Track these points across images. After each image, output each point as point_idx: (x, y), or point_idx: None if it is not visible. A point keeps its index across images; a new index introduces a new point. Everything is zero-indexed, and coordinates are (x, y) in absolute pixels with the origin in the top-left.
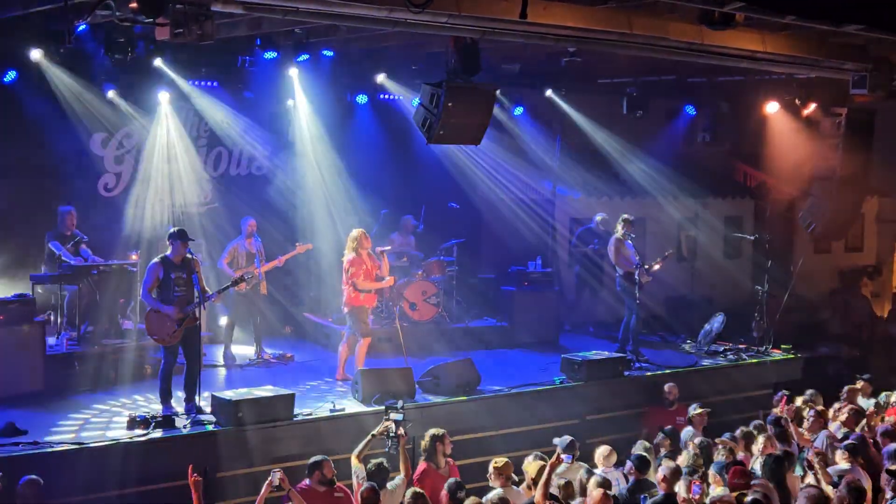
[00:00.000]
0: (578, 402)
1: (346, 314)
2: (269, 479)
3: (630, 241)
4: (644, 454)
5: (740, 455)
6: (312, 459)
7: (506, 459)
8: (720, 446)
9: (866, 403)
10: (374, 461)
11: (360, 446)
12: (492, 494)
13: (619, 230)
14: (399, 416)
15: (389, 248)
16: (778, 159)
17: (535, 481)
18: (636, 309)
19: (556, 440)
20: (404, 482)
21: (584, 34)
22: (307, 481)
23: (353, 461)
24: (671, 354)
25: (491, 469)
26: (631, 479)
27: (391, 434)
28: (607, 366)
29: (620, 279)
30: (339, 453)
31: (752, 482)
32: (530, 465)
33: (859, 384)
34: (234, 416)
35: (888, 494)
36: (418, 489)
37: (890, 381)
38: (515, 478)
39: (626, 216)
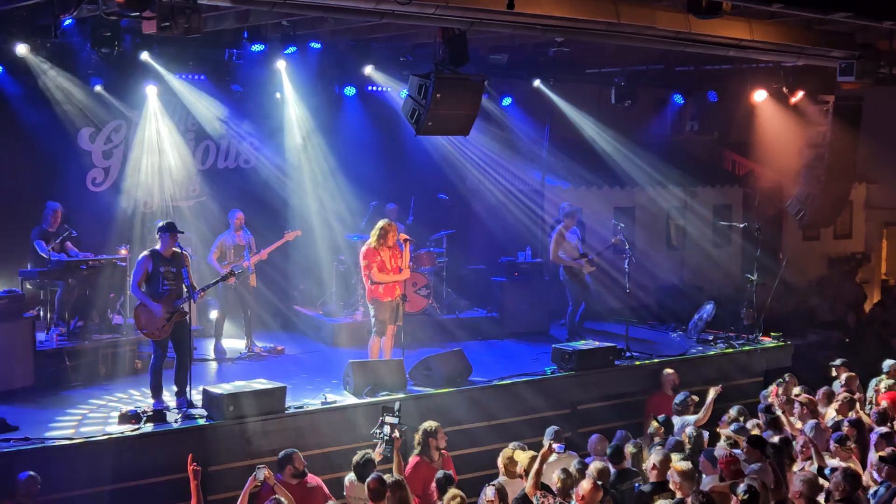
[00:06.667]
0: (569, 391)
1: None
2: (254, 474)
3: (576, 231)
4: (619, 445)
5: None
6: (282, 453)
7: (510, 454)
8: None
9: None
10: (361, 453)
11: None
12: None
13: (565, 222)
14: (395, 420)
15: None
16: (766, 147)
17: (526, 471)
18: (576, 300)
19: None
20: None
21: (571, 24)
22: (279, 475)
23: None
24: (661, 343)
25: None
26: (613, 470)
27: (385, 437)
28: (598, 355)
29: (563, 270)
30: (331, 446)
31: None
32: (521, 456)
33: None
34: (226, 409)
35: (878, 479)
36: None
37: (878, 368)
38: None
39: (568, 209)
